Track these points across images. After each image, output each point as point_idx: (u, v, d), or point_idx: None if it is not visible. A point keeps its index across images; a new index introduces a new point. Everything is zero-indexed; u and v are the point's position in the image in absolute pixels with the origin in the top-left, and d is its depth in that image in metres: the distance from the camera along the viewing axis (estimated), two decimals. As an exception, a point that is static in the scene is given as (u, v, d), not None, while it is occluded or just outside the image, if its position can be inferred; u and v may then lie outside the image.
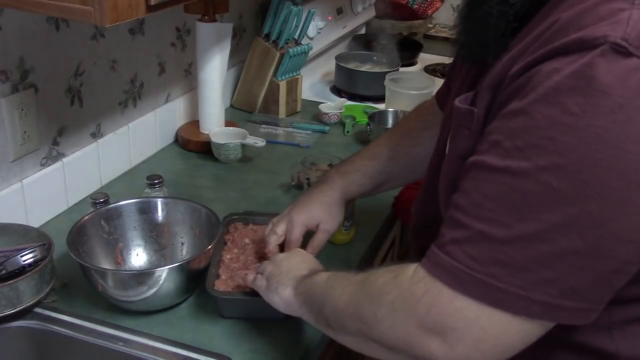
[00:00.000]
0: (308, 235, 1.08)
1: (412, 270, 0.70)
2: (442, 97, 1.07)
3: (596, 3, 0.62)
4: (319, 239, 1.08)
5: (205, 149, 1.56)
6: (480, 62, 0.76)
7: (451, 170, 0.75)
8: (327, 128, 1.75)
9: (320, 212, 1.08)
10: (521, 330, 0.64)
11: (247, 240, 1.15)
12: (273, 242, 1.07)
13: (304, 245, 1.07)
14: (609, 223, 0.59)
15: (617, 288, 0.64)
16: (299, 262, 0.95)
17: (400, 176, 1.13)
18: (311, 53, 1.89)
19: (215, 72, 1.55)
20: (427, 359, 0.68)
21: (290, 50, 1.76)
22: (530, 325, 0.64)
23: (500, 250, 0.62)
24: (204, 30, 1.50)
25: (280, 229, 1.07)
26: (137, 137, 1.49)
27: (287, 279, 0.91)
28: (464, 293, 0.64)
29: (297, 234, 1.06)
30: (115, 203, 1.14)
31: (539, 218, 0.60)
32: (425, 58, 2.38)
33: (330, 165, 1.33)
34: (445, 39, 2.63)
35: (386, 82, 1.85)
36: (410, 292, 0.68)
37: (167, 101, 1.59)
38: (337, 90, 2.06)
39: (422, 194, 0.94)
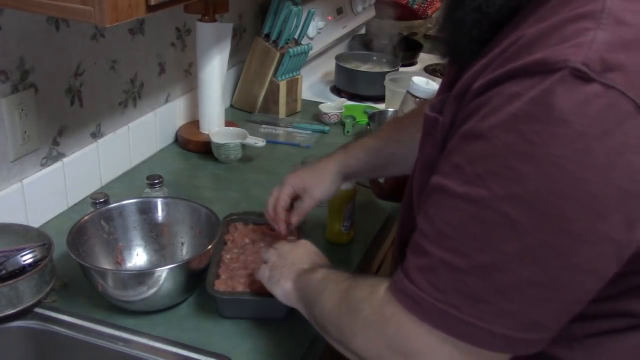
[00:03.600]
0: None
1: (384, 290, 0.70)
2: None
3: (563, 20, 0.59)
4: (304, 205, 1.10)
5: (205, 149, 1.56)
6: (458, 65, 0.76)
7: (419, 177, 0.75)
8: (327, 128, 1.75)
9: (311, 177, 1.10)
10: (485, 359, 0.64)
11: (247, 240, 1.16)
12: (270, 203, 1.11)
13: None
14: (569, 254, 0.58)
15: (574, 314, 0.63)
16: (302, 254, 0.96)
17: (405, 159, 1.10)
18: (311, 53, 1.89)
19: (215, 72, 1.55)
20: None
21: (290, 50, 1.76)
22: (494, 357, 0.64)
23: (461, 280, 0.61)
24: (204, 30, 1.50)
25: (275, 190, 1.11)
26: (137, 137, 1.49)
27: (289, 272, 0.92)
28: (426, 321, 0.64)
29: (285, 194, 1.09)
30: (115, 203, 1.14)
31: (498, 248, 0.59)
32: (425, 58, 2.38)
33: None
34: (445, 39, 2.63)
35: (386, 82, 1.85)
36: (380, 313, 0.69)
37: (167, 101, 1.59)
38: (337, 90, 2.06)
39: (405, 201, 0.93)
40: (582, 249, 0.58)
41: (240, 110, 1.86)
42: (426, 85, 1.33)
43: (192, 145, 1.59)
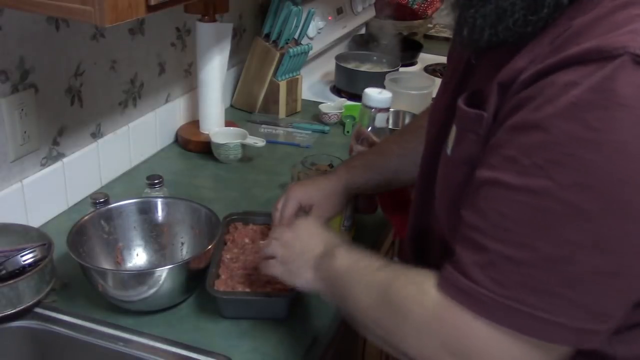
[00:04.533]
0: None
1: (436, 291, 0.68)
2: None
3: (611, 9, 0.59)
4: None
5: (205, 149, 1.56)
6: (469, 54, 0.74)
7: (456, 175, 0.73)
8: (327, 128, 1.75)
9: (318, 195, 1.08)
10: (545, 355, 0.63)
11: (247, 240, 1.15)
12: (275, 217, 1.08)
13: None
14: (637, 240, 0.57)
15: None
16: (309, 238, 0.93)
17: (408, 173, 1.11)
18: (311, 53, 1.89)
19: (215, 72, 1.55)
20: None
21: (290, 50, 1.76)
22: (557, 350, 0.63)
23: (526, 273, 0.60)
24: (204, 30, 1.50)
25: (280, 204, 1.09)
26: (137, 137, 1.49)
27: (304, 262, 0.89)
28: (490, 319, 0.63)
29: (290, 208, 1.07)
30: (115, 203, 1.14)
31: (565, 239, 0.58)
32: (425, 58, 2.38)
33: (330, 165, 1.33)
34: (446, 39, 2.63)
35: (386, 82, 1.85)
36: (435, 315, 0.67)
37: (167, 101, 1.59)
38: (337, 90, 2.06)
39: (418, 196, 0.93)
40: None
41: (240, 110, 1.86)
42: (379, 94, 1.33)
43: (192, 145, 1.59)
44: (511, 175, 0.61)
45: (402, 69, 2.09)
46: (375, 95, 1.33)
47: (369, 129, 1.33)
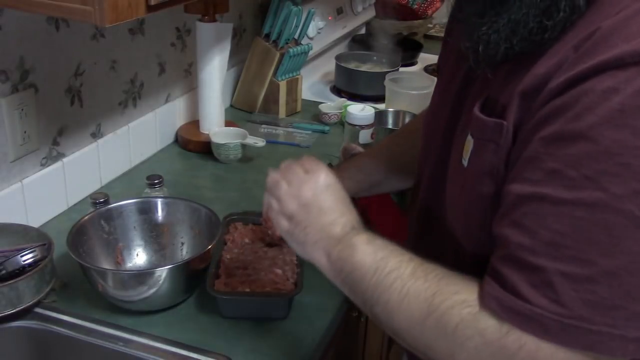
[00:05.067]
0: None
1: (493, 316, 0.64)
2: None
3: (637, 10, 0.58)
4: None
5: (205, 149, 1.56)
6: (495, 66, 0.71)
7: (475, 186, 0.71)
8: (327, 128, 1.75)
9: None
10: None
11: (247, 240, 1.16)
12: (265, 210, 1.03)
13: None
14: None
15: None
16: (328, 206, 0.81)
17: (399, 176, 1.12)
18: (311, 53, 1.89)
19: (215, 72, 1.55)
20: None
21: (290, 50, 1.76)
22: None
23: (585, 289, 0.58)
24: (204, 30, 1.50)
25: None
26: (137, 137, 1.49)
27: (316, 237, 0.80)
28: (553, 341, 0.61)
29: None
30: (115, 203, 1.14)
31: (624, 250, 0.57)
32: (425, 58, 2.38)
33: (330, 165, 1.33)
34: (445, 39, 2.63)
35: (386, 82, 1.85)
36: (500, 345, 0.63)
37: (167, 101, 1.59)
38: (337, 90, 2.06)
39: (420, 207, 0.91)
40: None
41: (240, 110, 1.86)
42: (361, 111, 1.35)
43: (192, 145, 1.59)
44: (559, 190, 0.59)
45: (402, 69, 2.09)
46: (357, 113, 1.35)
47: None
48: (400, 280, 0.71)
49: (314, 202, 0.82)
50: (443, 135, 0.82)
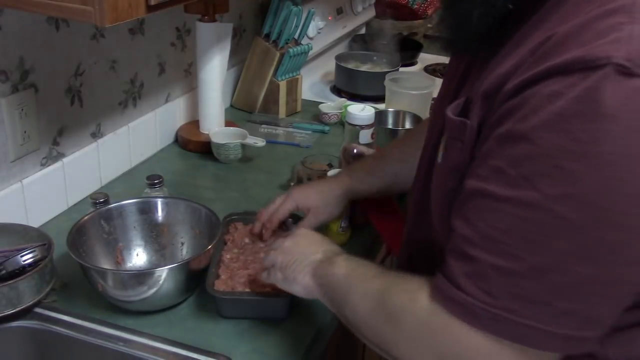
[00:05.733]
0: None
1: (428, 301, 0.68)
2: None
3: (595, 17, 0.59)
4: (306, 222, 1.10)
5: (205, 149, 1.56)
6: (468, 60, 0.75)
7: (445, 181, 0.74)
8: (327, 128, 1.75)
9: (316, 198, 1.11)
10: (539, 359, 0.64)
11: (247, 240, 1.16)
12: (269, 209, 1.12)
13: None
14: (625, 249, 0.58)
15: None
16: (308, 245, 0.94)
17: (409, 178, 1.12)
18: (311, 53, 1.89)
19: (215, 72, 1.55)
20: None
21: (290, 50, 1.76)
22: (549, 356, 0.64)
23: (515, 283, 0.61)
24: (204, 30, 1.50)
25: (279, 200, 1.12)
26: (137, 137, 1.49)
27: (302, 267, 0.90)
28: (481, 329, 0.64)
29: (286, 207, 1.11)
30: (115, 203, 1.14)
31: (553, 248, 0.59)
32: (425, 58, 2.38)
33: (330, 165, 1.33)
34: (445, 39, 2.63)
35: (386, 82, 1.85)
36: (427, 325, 0.68)
37: (167, 101, 1.59)
38: (337, 90, 2.06)
39: (413, 203, 0.93)
40: (637, 242, 0.58)
41: (240, 110, 1.86)
42: (361, 111, 1.35)
43: (192, 145, 1.59)
44: (499, 187, 0.62)
45: (402, 69, 2.09)
46: (358, 113, 1.35)
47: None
48: (364, 282, 0.78)
49: (295, 246, 0.94)
50: (437, 136, 0.83)
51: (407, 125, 1.66)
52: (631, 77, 0.55)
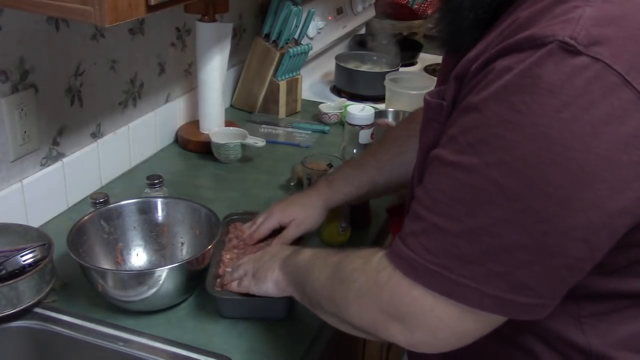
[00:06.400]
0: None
1: (378, 259, 0.73)
2: None
3: (554, 2, 0.62)
4: (288, 232, 1.12)
5: (205, 149, 1.56)
6: (455, 55, 0.77)
7: (420, 163, 0.77)
8: (327, 128, 1.75)
9: (297, 211, 1.13)
10: (475, 320, 0.67)
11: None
12: (250, 230, 1.14)
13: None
14: (554, 219, 0.60)
15: (572, 284, 0.65)
16: (277, 250, 0.99)
17: (386, 184, 1.15)
18: (311, 53, 1.89)
19: (215, 72, 1.55)
20: (391, 342, 0.72)
21: (290, 50, 1.76)
22: (485, 316, 0.66)
23: (451, 242, 0.64)
24: (204, 30, 1.50)
25: (259, 219, 1.14)
26: (137, 137, 1.49)
27: (271, 263, 0.96)
28: (420, 283, 0.67)
29: (268, 225, 1.13)
30: (115, 203, 1.14)
31: (487, 213, 0.62)
32: (425, 58, 2.38)
33: (330, 165, 1.33)
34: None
35: (386, 82, 1.85)
36: (374, 280, 0.72)
37: (167, 101, 1.59)
38: (337, 90, 2.06)
39: (409, 194, 0.95)
40: (567, 216, 0.60)
41: (240, 110, 1.86)
42: (361, 111, 1.35)
43: (192, 145, 1.59)
44: (449, 152, 0.66)
45: (402, 69, 2.09)
46: (357, 113, 1.36)
47: (354, 148, 1.37)
48: (324, 260, 0.84)
49: (264, 253, 1.00)
50: None
51: (407, 125, 1.66)
52: (574, 55, 0.57)
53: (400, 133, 1.18)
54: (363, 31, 2.54)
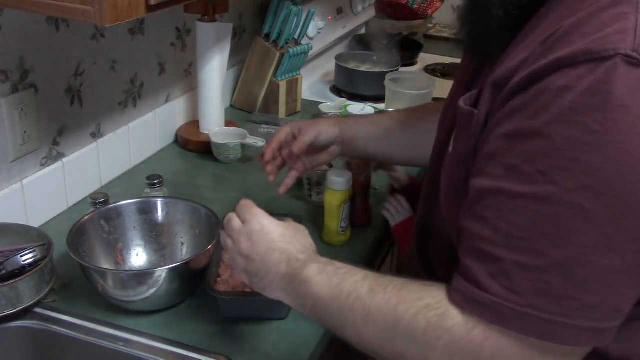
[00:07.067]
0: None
1: (455, 311, 0.67)
2: None
3: (600, 8, 0.60)
4: (304, 138, 1.10)
5: (205, 149, 1.56)
6: (482, 56, 0.75)
7: (452, 169, 0.75)
8: (327, 128, 1.75)
9: (308, 122, 1.14)
10: (570, 354, 0.64)
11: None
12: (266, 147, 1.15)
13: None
14: None
15: None
16: (266, 252, 0.83)
17: (388, 151, 1.15)
18: (311, 53, 1.89)
19: (215, 72, 1.55)
20: None
21: (290, 50, 1.76)
22: (580, 351, 0.64)
23: (539, 279, 0.61)
24: (204, 30, 1.50)
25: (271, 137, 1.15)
26: (137, 137, 1.49)
27: (269, 280, 0.83)
28: (511, 329, 0.63)
29: (282, 133, 1.13)
30: (115, 203, 1.14)
31: (575, 242, 0.59)
32: (425, 58, 2.38)
33: (330, 165, 1.33)
34: (446, 39, 2.63)
35: (386, 82, 1.85)
36: (468, 339, 0.66)
37: (167, 101, 1.59)
38: (337, 90, 2.06)
39: (425, 193, 0.94)
40: None
41: (240, 110, 1.86)
42: (361, 111, 1.35)
43: (192, 145, 1.59)
44: (515, 184, 0.62)
45: (402, 69, 2.09)
46: (357, 113, 1.35)
47: None
48: (360, 300, 0.73)
49: (253, 253, 0.84)
50: (448, 128, 0.84)
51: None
52: (638, 67, 0.57)
53: (428, 106, 1.18)
54: (363, 31, 2.54)
